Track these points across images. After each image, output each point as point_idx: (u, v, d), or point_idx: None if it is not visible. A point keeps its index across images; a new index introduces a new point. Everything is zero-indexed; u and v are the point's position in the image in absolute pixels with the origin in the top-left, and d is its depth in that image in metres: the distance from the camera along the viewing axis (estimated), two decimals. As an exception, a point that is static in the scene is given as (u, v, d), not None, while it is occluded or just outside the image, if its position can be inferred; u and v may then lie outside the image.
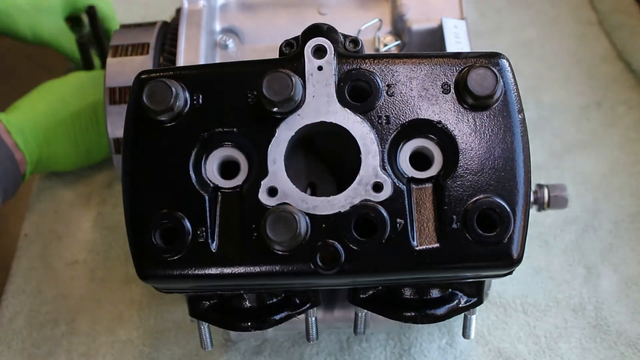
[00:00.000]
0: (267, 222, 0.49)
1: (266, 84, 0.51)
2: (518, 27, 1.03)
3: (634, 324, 0.75)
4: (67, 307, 0.80)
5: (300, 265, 0.50)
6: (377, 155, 0.51)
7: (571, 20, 1.03)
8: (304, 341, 0.75)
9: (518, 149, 0.51)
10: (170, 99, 0.52)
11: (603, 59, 0.98)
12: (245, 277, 0.51)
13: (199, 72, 0.55)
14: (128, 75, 0.68)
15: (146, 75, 0.54)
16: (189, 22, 0.69)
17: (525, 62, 0.98)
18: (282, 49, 0.55)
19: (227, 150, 0.54)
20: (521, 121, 0.52)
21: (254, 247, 0.50)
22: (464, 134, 0.52)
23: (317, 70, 0.53)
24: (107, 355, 0.76)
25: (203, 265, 0.50)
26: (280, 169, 0.52)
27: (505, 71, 0.53)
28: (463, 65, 0.53)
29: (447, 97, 0.52)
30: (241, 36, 0.72)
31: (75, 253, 0.84)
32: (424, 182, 0.52)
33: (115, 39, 0.73)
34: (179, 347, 0.76)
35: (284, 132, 0.52)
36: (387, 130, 0.52)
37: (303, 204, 0.51)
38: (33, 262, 0.84)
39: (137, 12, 1.08)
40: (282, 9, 0.73)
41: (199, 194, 0.52)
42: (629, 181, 0.86)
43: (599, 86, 0.95)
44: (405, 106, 0.52)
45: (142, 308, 0.79)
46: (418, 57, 0.54)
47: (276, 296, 0.58)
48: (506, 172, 0.51)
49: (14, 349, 0.77)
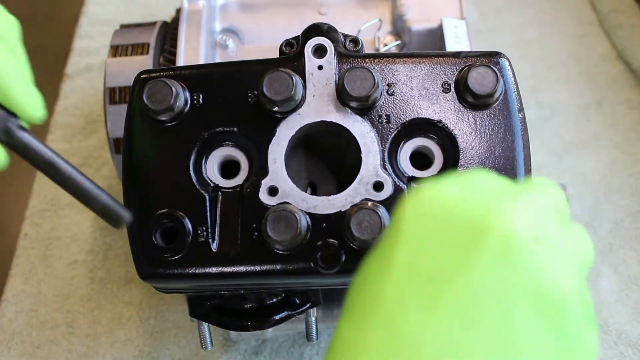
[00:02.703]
0: (267, 222, 0.49)
1: (266, 83, 0.51)
2: (518, 27, 1.03)
3: (634, 324, 0.75)
4: (67, 307, 0.80)
5: (301, 265, 0.50)
6: (377, 154, 0.51)
7: (571, 20, 1.03)
8: (304, 341, 0.75)
9: (518, 148, 0.51)
10: (171, 98, 0.52)
11: (603, 59, 0.98)
12: (246, 277, 0.51)
13: (199, 71, 0.55)
14: (128, 75, 0.68)
15: (146, 75, 0.54)
16: (189, 22, 0.69)
17: (525, 62, 0.97)
18: (282, 48, 0.55)
19: (228, 149, 0.54)
20: (521, 120, 0.52)
21: (255, 247, 0.50)
22: (464, 133, 0.52)
23: (318, 70, 0.53)
24: (107, 355, 0.76)
25: (203, 264, 0.50)
26: (280, 169, 0.52)
27: (505, 70, 0.53)
28: (463, 65, 0.53)
29: (448, 96, 0.52)
30: (241, 36, 0.72)
31: (75, 253, 0.84)
32: (424, 182, 0.52)
33: (115, 39, 0.73)
34: (179, 347, 0.76)
35: (285, 131, 0.52)
36: (388, 130, 0.52)
37: (303, 204, 0.51)
38: (33, 262, 0.84)
39: (137, 12, 1.07)
40: (282, 8, 0.73)
41: (200, 193, 0.52)
42: (629, 181, 0.86)
43: (599, 86, 0.95)
44: (406, 105, 0.52)
45: (142, 308, 0.79)
46: (418, 56, 0.54)
47: (276, 296, 0.58)
48: (506, 171, 0.51)
49: (14, 349, 0.77)
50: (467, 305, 0.29)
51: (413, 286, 0.30)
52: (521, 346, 0.29)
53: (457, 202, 0.32)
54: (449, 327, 0.28)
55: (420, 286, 0.29)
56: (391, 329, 0.29)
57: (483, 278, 0.29)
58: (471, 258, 0.29)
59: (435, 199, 0.32)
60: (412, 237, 0.31)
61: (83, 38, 1.06)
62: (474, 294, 0.29)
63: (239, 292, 0.56)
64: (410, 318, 0.29)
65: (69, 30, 1.08)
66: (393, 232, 0.33)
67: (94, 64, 1.02)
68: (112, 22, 0.98)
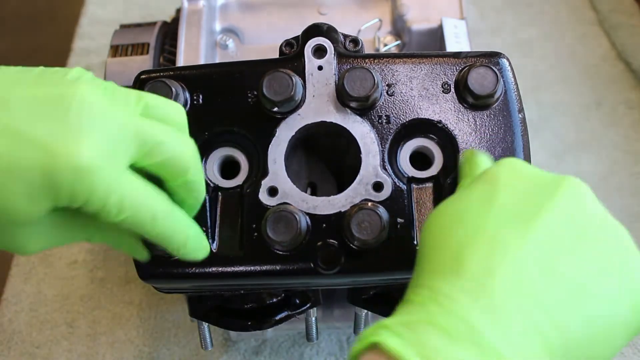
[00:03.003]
0: (267, 222, 0.49)
1: (266, 83, 0.51)
2: (518, 27, 1.03)
3: (634, 323, 0.75)
4: (67, 307, 0.80)
5: (301, 265, 0.50)
6: (377, 154, 0.51)
7: (571, 20, 1.03)
8: (304, 341, 0.75)
9: (518, 149, 0.51)
10: (171, 98, 0.52)
11: (603, 59, 0.98)
12: (246, 277, 0.51)
13: (199, 72, 0.55)
14: (128, 75, 0.68)
15: (146, 75, 0.54)
16: (189, 22, 0.69)
17: (525, 62, 0.97)
18: (282, 48, 0.55)
19: (228, 150, 0.54)
20: (521, 120, 0.52)
21: (254, 247, 0.50)
22: (464, 134, 0.52)
23: (317, 70, 0.53)
24: (107, 355, 0.76)
25: (203, 264, 0.50)
26: (280, 169, 0.52)
27: (505, 70, 0.53)
28: (463, 65, 0.53)
29: (447, 96, 0.52)
30: (241, 36, 0.72)
31: (75, 253, 0.84)
32: (424, 182, 0.52)
33: (115, 39, 0.73)
34: (179, 347, 0.76)
35: (284, 131, 0.52)
36: (388, 130, 0.52)
37: (303, 204, 0.51)
38: (33, 262, 0.84)
39: (137, 12, 1.07)
40: (282, 9, 0.73)
41: (199, 193, 0.52)
42: (629, 181, 0.86)
43: (599, 86, 0.95)
44: (406, 106, 0.52)
45: (142, 308, 0.79)
46: (418, 56, 0.54)
47: (276, 296, 0.58)
48: (506, 171, 0.51)
49: (14, 349, 0.77)
50: (552, 230, 0.38)
51: (511, 218, 0.38)
52: (590, 253, 0.38)
53: (537, 172, 0.42)
54: (538, 245, 0.37)
55: (517, 217, 0.38)
56: (496, 248, 0.37)
57: (561, 212, 0.39)
58: (553, 199, 0.39)
59: (521, 165, 0.43)
60: (509, 187, 0.40)
61: (83, 38, 1.06)
62: (557, 222, 0.38)
63: (239, 292, 0.56)
64: (509, 239, 0.37)
65: (69, 30, 1.08)
66: (488, 186, 0.41)
67: (94, 64, 1.02)
68: (112, 22, 0.98)
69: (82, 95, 0.40)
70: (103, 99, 0.41)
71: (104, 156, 0.39)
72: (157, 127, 0.43)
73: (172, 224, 0.44)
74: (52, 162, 0.38)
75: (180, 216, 0.45)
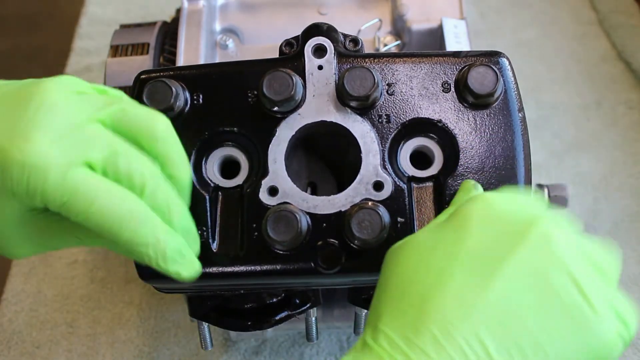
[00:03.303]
0: (267, 222, 0.49)
1: (266, 83, 0.51)
2: (518, 27, 1.03)
3: (634, 323, 0.75)
4: (67, 307, 0.80)
5: (301, 265, 0.50)
6: (377, 154, 0.51)
7: (571, 20, 1.03)
8: (304, 341, 0.75)
9: (518, 148, 0.51)
10: (171, 98, 0.52)
11: (603, 59, 0.98)
12: (246, 277, 0.51)
13: (199, 71, 0.55)
14: (128, 75, 0.68)
15: (146, 75, 0.54)
16: (189, 22, 0.69)
17: (525, 62, 0.97)
18: (282, 48, 0.55)
19: (228, 149, 0.54)
20: (521, 120, 0.52)
21: (255, 247, 0.50)
22: (464, 133, 0.52)
23: (318, 70, 0.53)
24: (107, 355, 0.76)
25: (203, 264, 0.50)
26: (280, 169, 0.52)
27: (505, 70, 0.53)
28: (463, 64, 0.53)
29: (448, 96, 0.52)
30: (241, 36, 0.72)
31: (75, 253, 0.84)
32: (424, 181, 0.52)
33: (115, 39, 0.73)
34: (179, 347, 0.76)
35: (285, 131, 0.52)
36: (388, 129, 0.52)
37: (304, 203, 0.51)
38: (33, 262, 0.84)
39: (137, 12, 1.07)
40: (282, 8, 0.73)
41: (200, 193, 0.52)
42: (629, 181, 0.86)
43: (599, 86, 0.95)
44: (406, 105, 0.52)
45: (142, 308, 0.79)
46: (418, 56, 0.54)
47: (276, 296, 0.58)
48: (507, 170, 0.51)
49: (14, 348, 0.77)
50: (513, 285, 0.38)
51: (475, 268, 0.39)
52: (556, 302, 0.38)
53: (511, 210, 0.41)
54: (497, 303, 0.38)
55: (480, 268, 0.39)
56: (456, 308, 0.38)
57: (523, 265, 0.39)
58: (517, 250, 0.39)
59: (497, 203, 0.42)
60: (478, 230, 0.40)
61: (83, 38, 1.06)
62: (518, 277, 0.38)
63: (239, 292, 0.56)
64: (470, 298, 0.38)
65: (69, 30, 1.08)
66: (458, 227, 0.41)
67: (94, 64, 1.02)
68: (112, 22, 0.98)
69: (44, 94, 0.40)
70: (67, 100, 0.41)
71: (54, 154, 0.38)
72: (111, 137, 0.42)
73: (144, 229, 0.41)
74: (1, 156, 0.38)
75: (158, 223, 0.42)
